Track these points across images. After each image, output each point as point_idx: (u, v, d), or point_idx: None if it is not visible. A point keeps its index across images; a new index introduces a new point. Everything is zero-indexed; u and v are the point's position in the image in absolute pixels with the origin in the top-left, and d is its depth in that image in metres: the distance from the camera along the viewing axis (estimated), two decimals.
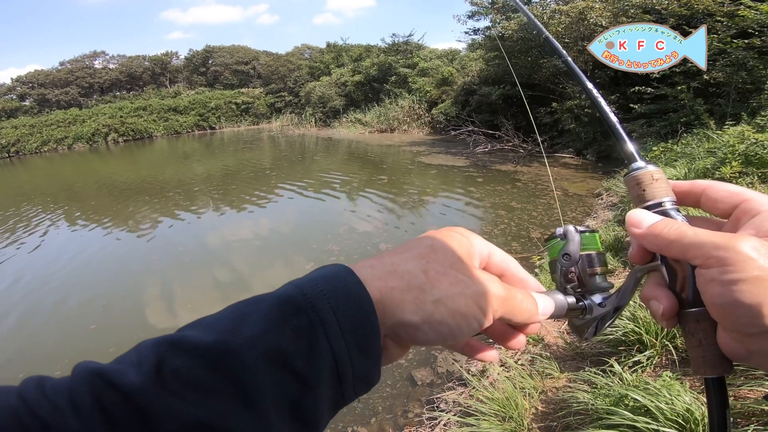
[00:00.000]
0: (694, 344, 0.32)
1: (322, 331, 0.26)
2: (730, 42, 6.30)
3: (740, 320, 0.27)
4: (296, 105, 29.06)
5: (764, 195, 0.31)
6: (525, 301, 0.33)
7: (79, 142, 28.01)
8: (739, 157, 4.39)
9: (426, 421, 2.42)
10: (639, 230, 0.34)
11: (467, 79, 15.60)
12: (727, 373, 0.31)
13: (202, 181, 11.33)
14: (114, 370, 0.23)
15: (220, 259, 5.48)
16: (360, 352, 0.27)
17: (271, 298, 0.27)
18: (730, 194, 0.33)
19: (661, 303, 0.32)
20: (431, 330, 0.29)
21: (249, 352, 0.24)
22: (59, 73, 36.34)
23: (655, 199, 0.35)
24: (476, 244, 0.34)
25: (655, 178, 0.36)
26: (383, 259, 0.31)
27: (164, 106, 31.99)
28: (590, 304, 0.38)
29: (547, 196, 6.98)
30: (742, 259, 0.27)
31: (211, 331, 0.25)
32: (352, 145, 16.31)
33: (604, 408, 1.73)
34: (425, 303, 0.29)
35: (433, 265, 0.30)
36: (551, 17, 9.42)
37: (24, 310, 4.62)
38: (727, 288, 0.27)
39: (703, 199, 0.35)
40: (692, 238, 0.30)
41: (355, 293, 0.27)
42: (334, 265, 0.30)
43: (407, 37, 21.50)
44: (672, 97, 7.43)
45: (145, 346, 0.25)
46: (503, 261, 0.36)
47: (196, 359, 0.24)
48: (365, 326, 0.27)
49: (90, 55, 38.81)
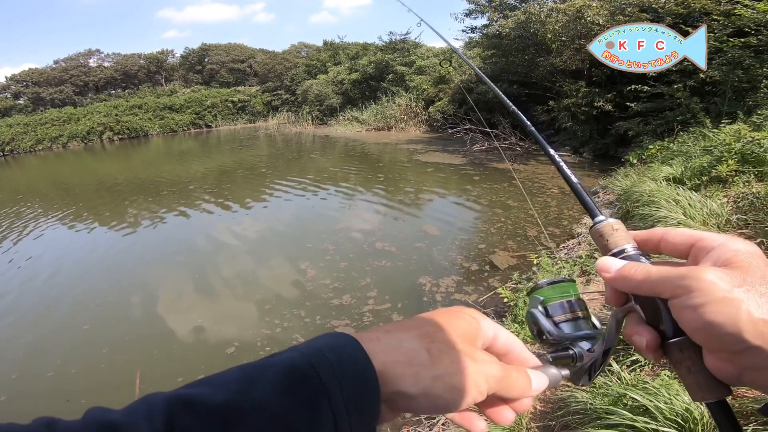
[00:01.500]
0: (684, 372, 0.33)
1: (326, 400, 0.27)
2: (726, 41, 6.32)
3: (722, 340, 0.29)
4: (293, 103, 28.92)
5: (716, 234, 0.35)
6: (519, 380, 0.35)
7: (74, 140, 27.78)
8: (735, 156, 4.41)
9: (424, 421, 2.42)
10: (609, 275, 0.37)
11: (464, 77, 15.58)
12: (725, 395, 0.32)
13: (197, 180, 11.28)
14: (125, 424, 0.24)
15: (214, 258, 5.45)
16: (360, 417, 0.28)
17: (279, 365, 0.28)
18: (685, 236, 0.36)
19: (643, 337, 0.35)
20: (427, 402, 0.31)
21: (257, 415, 0.26)
22: (54, 72, 36.01)
23: (618, 246, 0.39)
24: (483, 326, 0.37)
25: (615, 228, 0.40)
26: (390, 334, 0.33)
27: (160, 104, 31.75)
28: (580, 352, 0.40)
29: (544, 194, 6.99)
30: (706, 284, 0.30)
31: (221, 392, 0.26)
32: (349, 144, 16.27)
33: (602, 407, 1.73)
34: (425, 378, 0.31)
35: (436, 345, 0.32)
36: (548, 16, 9.41)
37: (18, 308, 4.58)
38: (699, 311, 0.29)
39: (662, 243, 0.38)
40: (658, 275, 0.33)
41: (361, 366, 0.29)
42: (339, 334, 0.31)
43: (404, 36, 21.43)
44: (668, 95, 7.44)
45: (156, 401, 0.26)
46: (508, 342, 0.38)
47: (206, 419, 0.25)
48: (367, 395, 0.29)
49: (85, 54, 38.46)
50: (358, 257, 5.02)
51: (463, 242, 5.31)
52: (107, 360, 3.49)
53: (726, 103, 6.80)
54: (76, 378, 3.27)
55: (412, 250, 5.12)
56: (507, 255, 4.72)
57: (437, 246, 5.20)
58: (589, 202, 0.45)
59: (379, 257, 4.96)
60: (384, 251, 5.13)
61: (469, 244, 5.23)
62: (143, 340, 3.75)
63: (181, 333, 3.78)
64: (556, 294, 0.42)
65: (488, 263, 4.58)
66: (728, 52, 6.38)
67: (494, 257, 4.67)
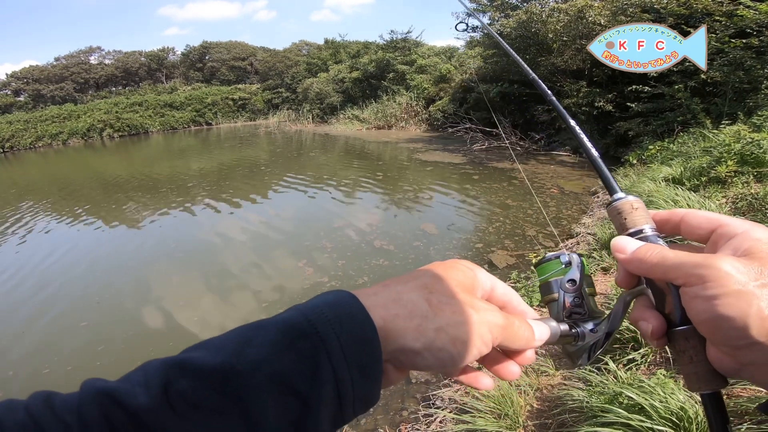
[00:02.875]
0: (686, 361, 0.33)
1: (326, 355, 0.27)
2: (728, 41, 6.30)
3: (728, 333, 0.28)
4: (293, 101, 28.89)
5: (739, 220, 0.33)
6: (522, 329, 0.34)
7: (74, 137, 27.78)
8: (734, 157, 4.40)
9: (422, 418, 2.41)
10: (623, 256, 0.35)
11: (465, 76, 15.57)
12: (721, 387, 0.32)
13: (196, 177, 11.27)
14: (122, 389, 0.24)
15: (212, 255, 5.45)
16: (362, 376, 0.28)
17: (276, 324, 0.28)
18: (707, 220, 0.35)
19: (650, 323, 0.34)
20: (432, 356, 0.30)
21: (254, 375, 0.25)
22: (54, 69, 36.01)
23: (636, 226, 0.37)
24: (480, 276, 0.36)
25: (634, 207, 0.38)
26: (388, 287, 0.32)
27: (160, 101, 31.74)
28: (582, 331, 0.39)
29: (544, 194, 6.98)
30: (721, 275, 0.28)
31: (218, 354, 0.26)
32: (349, 142, 16.26)
33: (598, 406, 1.73)
34: (427, 330, 0.30)
35: (436, 295, 0.31)
36: (550, 15, 9.39)
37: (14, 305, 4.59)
38: (710, 303, 0.28)
39: (682, 225, 0.37)
40: (673, 260, 0.32)
41: (359, 320, 0.28)
42: (338, 291, 0.31)
43: (405, 34, 21.41)
44: (669, 96, 7.43)
45: (153, 367, 0.26)
46: (505, 293, 0.38)
47: (202, 381, 0.24)
48: (368, 351, 0.28)
49: (85, 51, 38.47)
50: (355, 255, 5.01)
51: (462, 241, 5.31)
52: (104, 357, 3.49)
53: (727, 103, 6.79)
54: (71, 375, 3.27)
55: (410, 248, 5.12)
56: (505, 254, 4.72)
57: (435, 245, 5.20)
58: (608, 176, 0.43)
59: (376, 255, 4.95)
60: (382, 250, 5.13)
61: (468, 243, 5.22)
62: (142, 337, 3.74)
63: (179, 330, 3.78)
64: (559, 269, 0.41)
65: (487, 262, 4.57)
66: (730, 53, 6.37)
67: (493, 256, 4.67)
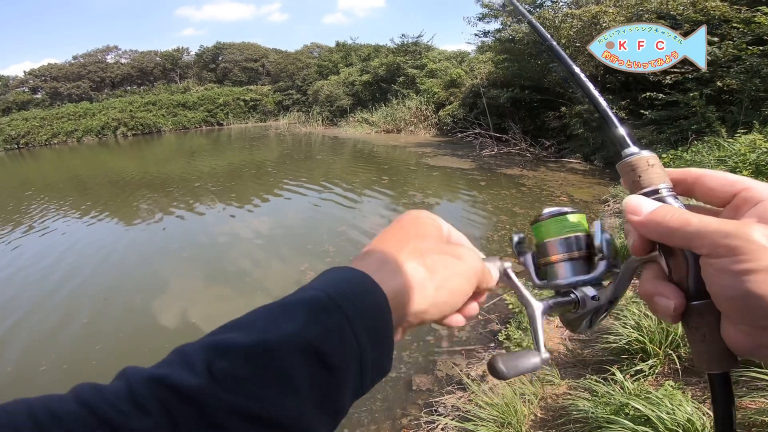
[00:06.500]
0: (698, 339, 0.30)
1: (350, 328, 0.28)
2: (745, 49, 6.20)
3: (753, 312, 0.25)
4: (304, 103, 29.11)
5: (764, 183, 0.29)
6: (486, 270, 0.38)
7: (88, 135, 28.29)
8: (749, 166, 4.32)
9: (424, 425, 2.39)
10: (638, 218, 0.31)
11: (476, 81, 15.53)
12: (732, 368, 0.29)
13: (205, 178, 11.38)
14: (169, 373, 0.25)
15: (216, 256, 5.49)
16: (379, 346, 0.30)
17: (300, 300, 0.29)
18: (727, 182, 0.31)
19: (670, 299, 0.30)
20: (436, 310, 0.34)
21: (288, 349, 0.26)
22: (72, 67, 36.75)
23: (651, 185, 0.33)
24: (443, 224, 0.39)
25: (650, 163, 0.34)
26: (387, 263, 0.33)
27: (173, 101, 32.21)
28: (583, 297, 0.36)
29: (552, 202, 6.91)
30: (755, 248, 0.25)
31: (249, 332, 0.27)
32: (358, 145, 16.30)
33: (604, 416, 1.70)
34: (429, 290, 0.33)
35: (428, 257, 0.34)
36: (563, 21, 9.34)
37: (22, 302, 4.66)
38: (740, 278, 0.25)
39: (698, 187, 0.33)
40: (698, 226, 0.28)
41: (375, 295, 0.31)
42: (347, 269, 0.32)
43: (416, 38, 21.45)
44: (683, 103, 7.31)
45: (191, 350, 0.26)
46: (458, 237, 0.41)
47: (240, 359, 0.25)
48: (383, 324, 0.30)
49: (103, 50, 39.22)
50: None
51: None
52: (102, 356, 3.48)
53: (742, 112, 6.67)
54: (67, 372, 3.27)
55: None
56: (512, 262, 4.67)
57: None
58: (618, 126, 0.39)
59: None
60: None
61: None
62: (141, 336, 3.76)
63: (181, 330, 3.80)
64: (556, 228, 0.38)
65: None
66: (746, 60, 6.27)
67: None
